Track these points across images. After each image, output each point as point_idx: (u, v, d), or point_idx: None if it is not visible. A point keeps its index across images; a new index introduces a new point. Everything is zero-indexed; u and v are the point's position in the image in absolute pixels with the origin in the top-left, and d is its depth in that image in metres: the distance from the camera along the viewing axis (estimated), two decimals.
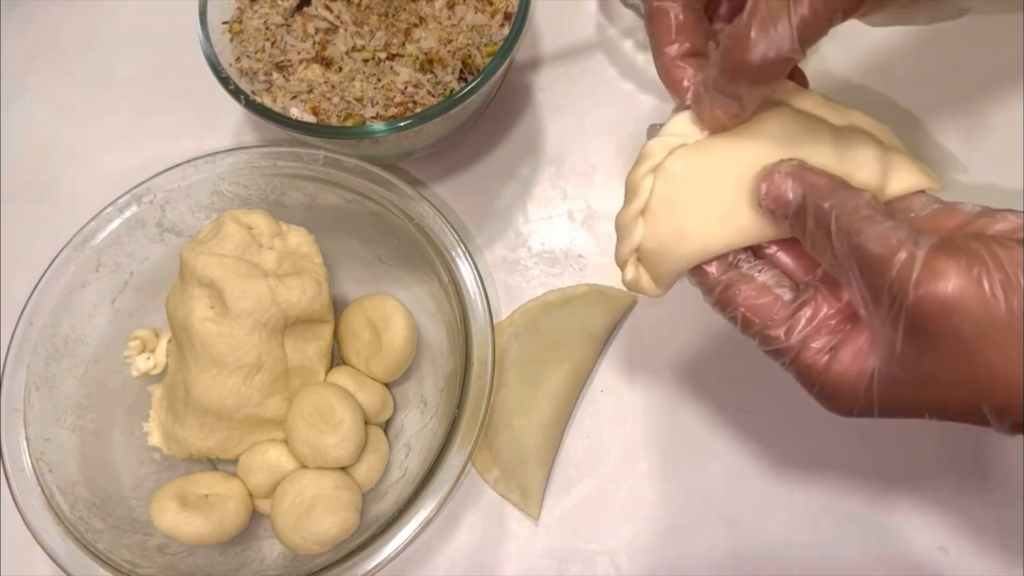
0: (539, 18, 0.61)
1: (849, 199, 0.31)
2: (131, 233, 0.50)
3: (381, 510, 0.46)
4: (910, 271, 0.28)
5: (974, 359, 0.27)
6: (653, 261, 0.36)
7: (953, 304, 0.27)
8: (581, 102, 0.59)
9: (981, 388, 0.28)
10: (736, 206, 0.34)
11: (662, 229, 0.35)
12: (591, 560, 0.48)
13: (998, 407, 0.28)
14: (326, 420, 0.45)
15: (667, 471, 0.50)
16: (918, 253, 0.28)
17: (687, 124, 0.36)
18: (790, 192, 0.32)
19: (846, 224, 0.30)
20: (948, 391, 0.29)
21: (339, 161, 0.49)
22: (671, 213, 0.35)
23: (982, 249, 0.28)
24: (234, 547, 0.47)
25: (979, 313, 0.27)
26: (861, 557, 0.47)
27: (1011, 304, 0.27)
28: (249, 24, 0.53)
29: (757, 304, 0.34)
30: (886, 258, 0.29)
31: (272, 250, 0.48)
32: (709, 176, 0.35)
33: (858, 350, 0.31)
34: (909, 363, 0.29)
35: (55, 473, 0.45)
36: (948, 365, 0.28)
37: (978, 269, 0.27)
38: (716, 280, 0.35)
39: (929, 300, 0.27)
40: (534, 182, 0.57)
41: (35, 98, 0.63)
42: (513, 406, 0.50)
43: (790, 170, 0.32)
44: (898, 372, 0.30)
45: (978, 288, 0.27)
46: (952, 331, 0.27)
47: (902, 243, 0.28)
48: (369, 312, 0.50)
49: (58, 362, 0.48)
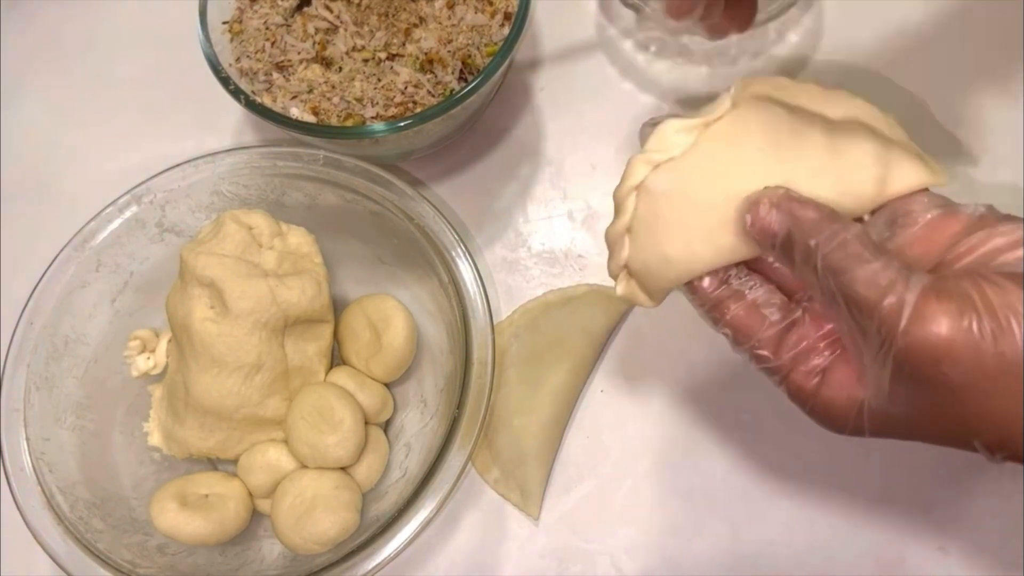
0: (539, 18, 0.61)
1: (836, 235, 0.30)
2: (131, 233, 0.50)
3: (381, 510, 0.46)
4: (899, 316, 0.27)
5: (965, 405, 0.27)
6: (642, 278, 0.36)
7: (944, 352, 0.27)
8: (581, 102, 0.59)
9: (972, 428, 0.28)
10: (720, 225, 0.33)
11: (645, 251, 0.35)
12: (591, 560, 0.48)
13: (990, 443, 0.28)
14: (326, 420, 0.45)
15: (667, 471, 0.50)
16: (907, 297, 0.27)
17: (673, 135, 0.35)
18: (775, 225, 0.31)
19: (833, 263, 0.29)
20: (939, 427, 0.29)
21: (339, 161, 0.49)
22: (653, 235, 0.35)
23: (973, 292, 0.27)
24: (234, 547, 0.47)
25: (969, 361, 0.26)
26: (861, 557, 0.47)
27: (1001, 350, 0.26)
28: (249, 24, 0.53)
29: (746, 323, 0.33)
30: (874, 301, 0.28)
31: (272, 250, 0.48)
32: (692, 195, 0.34)
33: (846, 378, 0.31)
34: (898, 401, 0.29)
35: (55, 473, 0.45)
36: (938, 407, 0.28)
37: (968, 316, 0.27)
38: (707, 296, 0.34)
39: (918, 347, 0.27)
40: (534, 182, 0.57)
41: (35, 98, 0.63)
42: (513, 406, 0.50)
43: (776, 200, 0.31)
44: (887, 407, 0.30)
45: (968, 336, 0.26)
46: (942, 378, 0.27)
47: (891, 285, 0.28)
48: (369, 312, 0.50)
49: (58, 362, 0.48)
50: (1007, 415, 0.27)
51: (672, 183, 0.34)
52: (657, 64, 0.59)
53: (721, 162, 0.34)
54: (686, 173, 0.34)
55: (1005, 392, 0.26)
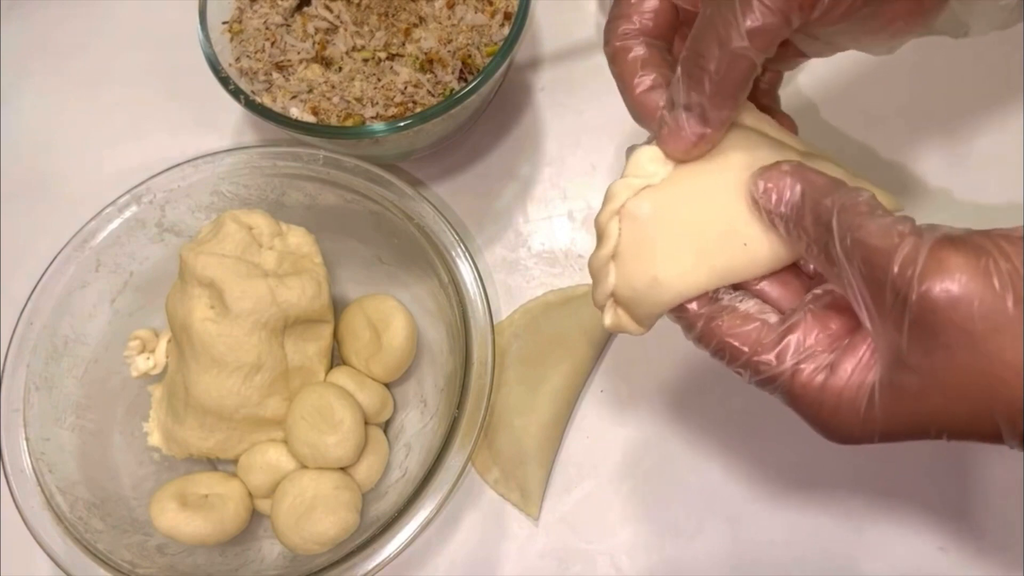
0: (539, 18, 0.61)
1: (849, 196, 0.30)
2: (131, 233, 0.50)
3: (381, 510, 0.46)
4: (914, 264, 0.27)
5: (983, 355, 0.27)
6: (630, 305, 0.35)
7: (960, 296, 0.26)
8: (581, 102, 0.59)
9: (992, 389, 0.27)
10: (709, 245, 0.33)
11: (634, 277, 0.34)
12: (591, 560, 0.48)
13: (1011, 414, 0.27)
14: (326, 420, 0.45)
15: (667, 472, 0.50)
16: (922, 246, 0.27)
17: (649, 163, 0.34)
18: (788, 189, 0.31)
19: (847, 220, 0.29)
20: (957, 396, 0.28)
21: (339, 161, 0.49)
22: (641, 260, 0.34)
23: (987, 242, 0.27)
24: (234, 547, 0.47)
25: (988, 305, 0.26)
26: (861, 557, 0.47)
27: (1019, 294, 0.26)
28: (249, 24, 0.53)
29: (743, 331, 0.32)
30: (889, 251, 0.28)
31: (272, 250, 0.48)
32: (678, 217, 0.33)
33: (857, 363, 0.30)
34: (915, 365, 0.28)
35: (55, 473, 0.45)
36: (956, 363, 0.27)
37: (984, 260, 0.26)
38: (697, 315, 0.34)
39: (935, 293, 0.27)
40: (534, 182, 0.57)
41: (35, 98, 0.63)
42: (513, 406, 0.50)
43: (790, 168, 0.32)
44: (903, 378, 0.29)
45: (985, 279, 0.26)
46: (960, 324, 0.26)
47: (905, 236, 0.28)
48: (369, 312, 0.50)
49: (58, 362, 0.48)
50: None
51: (656, 206, 0.33)
52: None
53: (704, 183, 0.33)
54: (669, 196, 0.33)
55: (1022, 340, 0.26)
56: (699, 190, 0.33)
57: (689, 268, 0.33)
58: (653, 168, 0.34)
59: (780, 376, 0.32)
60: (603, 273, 0.35)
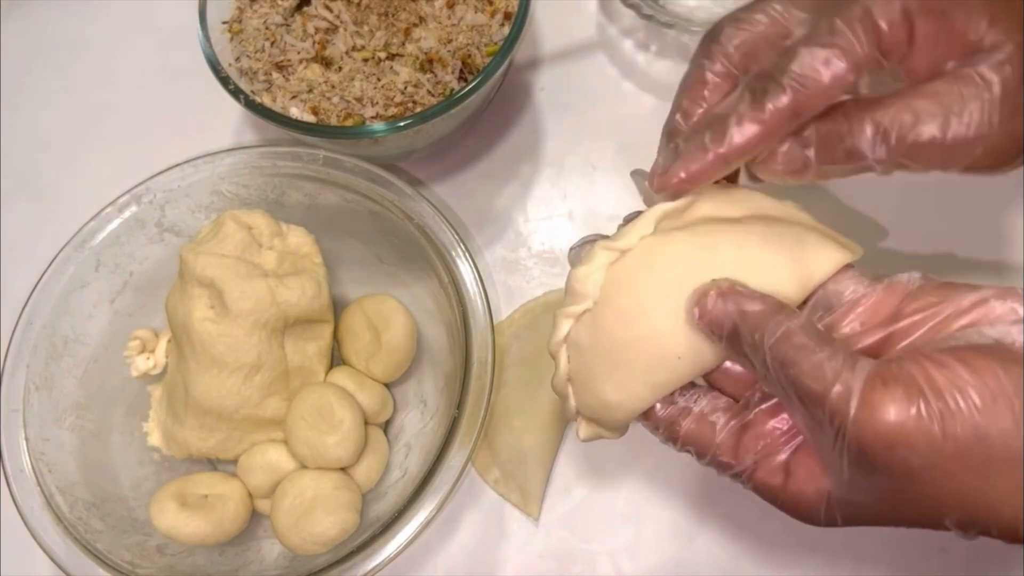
0: (539, 18, 0.61)
1: (780, 326, 0.30)
2: (131, 233, 0.50)
3: (381, 510, 0.46)
4: (847, 406, 0.27)
5: (926, 487, 0.27)
6: (595, 420, 0.36)
7: (896, 438, 0.26)
8: (581, 102, 0.59)
9: (939, 510, 0.27)
10: (648, 363, 0.33)
11: (587, 399, 0.36)
12: (591, 560, 0.48)
13: (961, 522, 0.27)
14: (326, 420, 0.45)
15: (667, 471, 0.50)
16: (854, 385, 0.27)
17: (583, 286, 0.35)
18: (722, 317, 0.31)
19: (779, 355, 0.29)
20: (906, 512, 0.28)
21: (339, 161, 0.49)
22: (589, 385, 0.35)
23: (918, 375, 0.27)
24: (234, 547, 0.47)
25: (923, 445, 0.26)
26: (861, 557, 0.47)
27: (953, 432, 0.26)
28: (249, 24, 0.53)
29: (699, 435, 0.33)
30: (822, 393, 0.28)
31: (272, 250, 0.48)
32: (614, 342, 0.34)
33: (811, 470, 0.31)
34: (860, 489, 0.29)
35: (54, 473, 0.45)
36: (900, 492, 0.28)
37: (915, 399, 0.26)
38: (658, 420, 0.35)
39: (870, 435, 0.27)
40: (534, 182, 0.57)
41: (35, 98, 0.63)
42: (513, 406, 0.50)
43: (723, 291, 0.32)
44: (852, 496, 0.29)
45: (918, 420, 0.26)
46: (899, 463, 0.27)
47: (837, 375, 0.28)
48: (369, 312, 0.50)
49: (57, 362, 0.48)
50: (971, 494, 0.27)
51: (593, 334, 0.34)
52: (658, 64, 0.59)
53: (636, 300, 0.34)
54: (605, 320, 0.34)
55: (965, 472, 0.26)
56: (631, 308, 0.34)
57: (634, 388, 0.34)
58: (587, 289, 0.35)
59: (742, 474, 0.33)
60: (564, 394, 0.37)
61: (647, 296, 0.33)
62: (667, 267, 0.34)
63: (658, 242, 0.34)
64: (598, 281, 0.35)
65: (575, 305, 0.35)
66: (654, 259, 0.34)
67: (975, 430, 0.26)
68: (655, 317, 0.33)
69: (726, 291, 0.32)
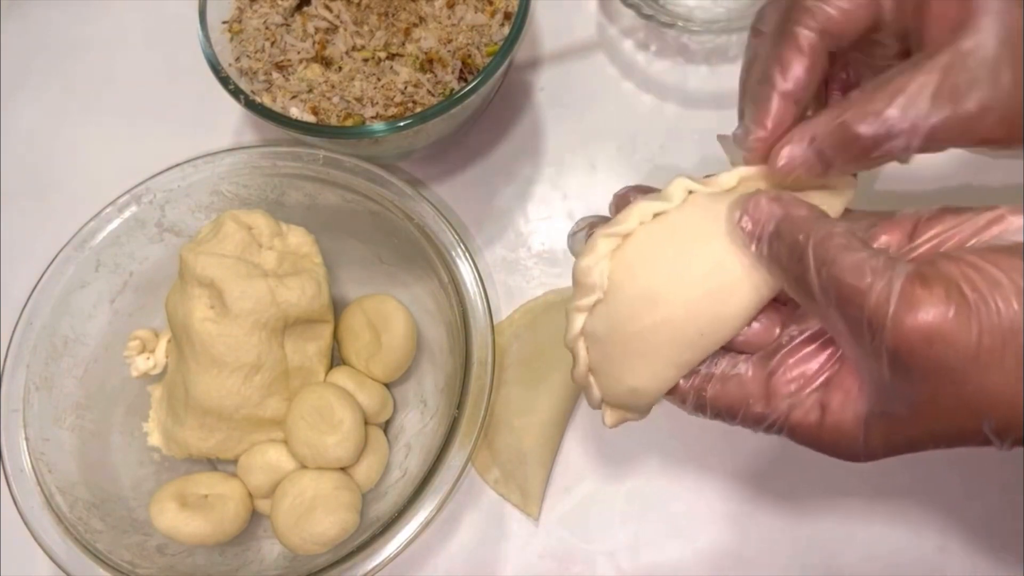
0: (539, 18, 0.61)
1: (823, 227, 0.30)
2: (130, 233, 0.50)
3: (381, 510, 0.46)
4: (887, 303, 0.27)
5: (964, 385, 0.27)
6: (621, 406, 0.37)
7: (934, 334, 0.27)
8: (581, 102, 0.59)
9: (977, 410, 0.28)
10: (671, 345, 0.33)
11: (613, 387, 0.36)
12: (591, 560, 0.48)
13: (998, 426, 0.28)
14: (326, 420, 0.45)
15: (667, 471, 0.50)
16: (895, 283, 0.28)
17: (589, 276, 0.34)
18: (767, 216, 0.32)
19: (821, 254, 0.30)
20: (946, 418, 0.29)
21: (339, 161, 0.49)
22: (613, 374, 0.35)
23: (956, 272, 0.27)
24: (234, 547, 0.47)
25: (962, 340, 0.27)
26: (861, 556, 0.47)
27: (990, 327, 0.26)
28: (249, 24, 0.53)
29: (729, 393, 0.33)
30: (862, 290, 0.28)
31: (272, 250, 0.48)
32: (633, 329, 0.34)
33: (847, 395, 0.31)
34: (901, 395, 0.29)
35: (54, 473, 0.45)
36: (940, 393, 0.28)
37: (954, 294, 0.27)
38: (685, 391, 0.35)
39: (910, 332, 0.27)
40: (534, 182, 0.57)
41: (35, 98, 0.63)
42: (513, 406, 0.50)
43: (769, 198, 0.32)
44: (892, 407, 0.30)
45: (957, 315, 0.27)
46: (937, 360, 0.27)
47: (877, 273, 0.28)
48: (369, 312, 0.50)
49: (57, 362, 0.48)
50: (1007, 391, 0.27)
51: (610, 324, 0.34)
52: (657, 63, 0.59)
53: (641, 291, 0.33)
54: (620, 307, 0.34)
55: (1000, 368, 0.27)
56: (644, 296, 0.33)
57: (659, 371, 0.34)
58: (595, 281, 0.34)
59: (777, 421, 0.33)
60: (587, 385, 0.37)
61: (658, 281, 0.33)
62: (673, 246, 0.33)
63: (659, 224, 0.34)
64: (604, 271, 0.34)
65: (585, 298, 0.35)
66: (659, 242, 0.34)
67: (1012, 324, 0.26)
68: (670, 301, 0.33)
69: (772, 197, 0.32)
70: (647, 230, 0.34)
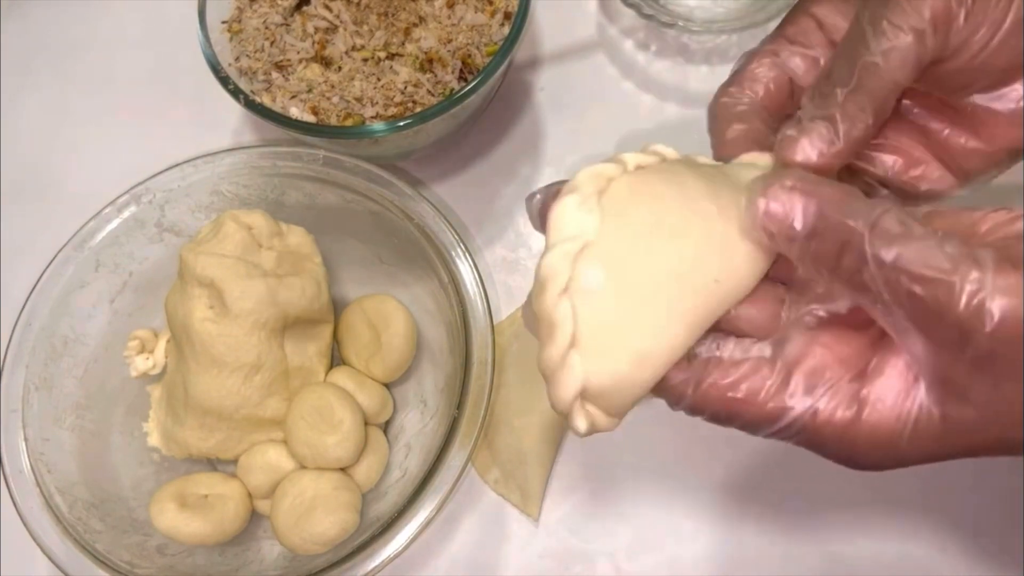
0: (539, 18, 0.61)
1: (872, 211, 0.26)
2: (130, 233, 0.50)
3: (381, 510, 0.46)
4: (980, 295, 0.24)
5: None
6: (605, 396, 0.29)
7: None
8: (581, 102, 0.59)
9: None
10: (680, 294, 0.28)
11: (613, 358, 0.28)
12: (591, 560, 0.48)
13: None
14: (326, 420, 0.45)
15: (667, 471, 0.50)
16: (987, 275, 0.24)
17: (574, 217, 0.28)
18: (799, 211, 0.27)
19: (880, 243, 0.25)
20: (1015, 426, 0.25)
21: (339, 161, 0.49)
22: (616, 338, 0.28)
23: None
24: (234, 547, 0.47)
25: None
26: (861, 557, 0.47)
27: None
28: (248, 23, 0.53)
29: (740, 382, 0.28)
30: (947, 283, 0.24)
31: (272, 250, 0.48)
32: (638, 274, 0.28)
33: (892, 391, 0.27)
34: (975, 398, 0.25)
35: (54, 473, 0.45)
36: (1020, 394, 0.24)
37: None
38: (684, 382, 0.29)
39: (1008, 326, 0.24)
40: (534, 182, 0.57)
41: (35, 98, 0.63)
42: (513, 406, 0.50)
43: (795, 183, 0.27)
44: (958, 410, 0.26)
45: None
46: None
47: (958, 262, 0.24)
48: (369, 312, 0.50)
49: (57, 362, 0.48)
50: None
51: (609, 269, 0.28)
52: (657, 63, 0.59)
53: (646, 224, 0.28)
54: (617, 250, 0.28)
55: None
56: (647, 230, 0.28)
57: (668, 324, 0.28)
58: (583, 220, 0.28)
59: (797, 421, 0.28)
60: (564, 370, 0.28)
61: (667, 208, 0.28)
62: (675, 184, 0.29)
63: (648, 170, 0.30)
64: (593, 209, 0.28)
65: (570, 242, 0.28)
66: (657, 180, 0.29)
67: None
68: (683, 232, 0.28)
69: (798, 181, 0.27)
70: (635, 174, 0.30)
